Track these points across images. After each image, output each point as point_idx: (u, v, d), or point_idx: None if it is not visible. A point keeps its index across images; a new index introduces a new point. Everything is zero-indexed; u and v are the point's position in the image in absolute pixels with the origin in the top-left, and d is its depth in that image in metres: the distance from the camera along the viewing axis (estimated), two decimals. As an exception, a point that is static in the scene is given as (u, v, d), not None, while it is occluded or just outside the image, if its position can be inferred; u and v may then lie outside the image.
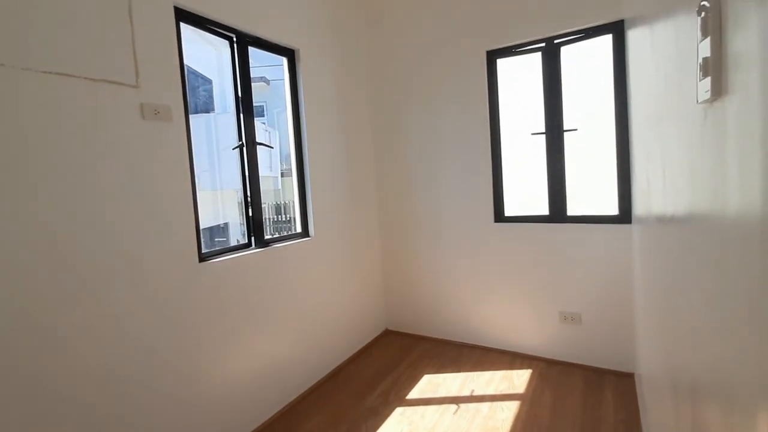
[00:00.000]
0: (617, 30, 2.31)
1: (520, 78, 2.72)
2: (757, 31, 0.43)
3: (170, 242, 1.69)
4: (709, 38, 0.53)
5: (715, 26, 0.52)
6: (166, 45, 1.72)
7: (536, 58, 2.60)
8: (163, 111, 1.69)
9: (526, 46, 2.61)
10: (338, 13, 2.86)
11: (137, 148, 1.59)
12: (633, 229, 2.26)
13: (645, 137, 1.58)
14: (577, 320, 2.50)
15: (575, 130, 2.53)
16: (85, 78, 1.45)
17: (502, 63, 2.73)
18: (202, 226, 1.93)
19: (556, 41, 2.52)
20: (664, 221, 1.15)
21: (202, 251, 1.87)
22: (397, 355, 2.83)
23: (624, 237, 2.32)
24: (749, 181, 0.47)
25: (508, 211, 2.77)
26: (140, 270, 1.58)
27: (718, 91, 0.53)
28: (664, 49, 1.04)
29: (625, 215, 2.35)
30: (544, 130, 2.59)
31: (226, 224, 6.06)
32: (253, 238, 2.21)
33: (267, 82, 9.25)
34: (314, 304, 2.52)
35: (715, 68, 0.53)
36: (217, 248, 2.02)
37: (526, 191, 2.77)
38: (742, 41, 0.46)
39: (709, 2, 0.53)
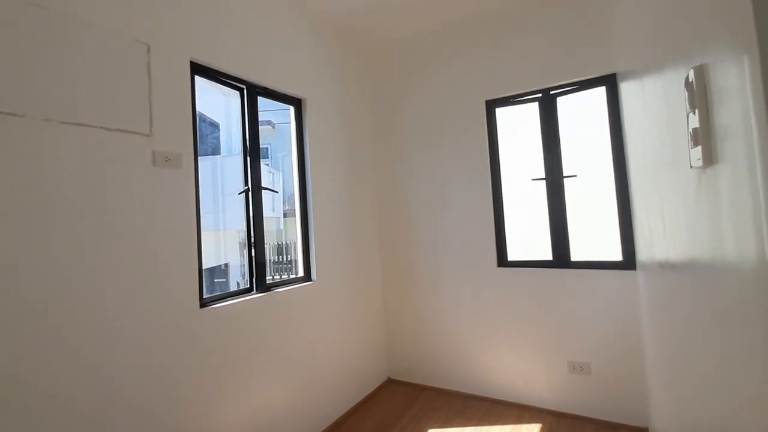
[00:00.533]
0: (610, 82, 2.42)
1: (519, 126, 2.81)
2: (739, 106, 0.46)
3: (172, 288, 1.68)
4: (697, 111, 0.56)
5: (701, 101, 0.55)
6: (181, 96, 1.81)
7: (534, 108, 2.71)
8: (174, 158, 1.74)
9: (524, 97, 2.72)
10: (344, 64, 3.02)
11: (146, 194, 1.62)
12: (638, 275, 2.24)
13: (643, 187, 1.61)
14: (586, 370, 2.42)
15: (575, 176, 2.58)
16: (101, 128, 1.51)
17: (501, 111, 2.84)
18: (204, 267, 1.93)
19: (551, 92, 2.63)
20: (668, 272, 1.15)
21: (204, 296, 1.85)
22: (400, 407, 2.71)
23: (629, 284, 2.30)
24: (744, 242, 0.48)
25: (511, 256, 2.76)
26: (141, 315, 1.56)
27: (709, 160, 0.55)
28: (656, 107, 1.09)
29: (629, 261, 2.34)
30: (543, 176, 2.64)
31: (226, 265, 6.04)
32: (254, 282, 2.20)
33: (272, 125, 9.59)
34: (315, 351, 2.46)
35: (705, 139, 0.55)
36: (218, 293, 2.00)
37: (528, 236, 2.77)
38: (727, 116, 0.49)
39: (694, 79, 0.56)
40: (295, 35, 2.55)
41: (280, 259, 7.31)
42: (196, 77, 1.96)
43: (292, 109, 2.63)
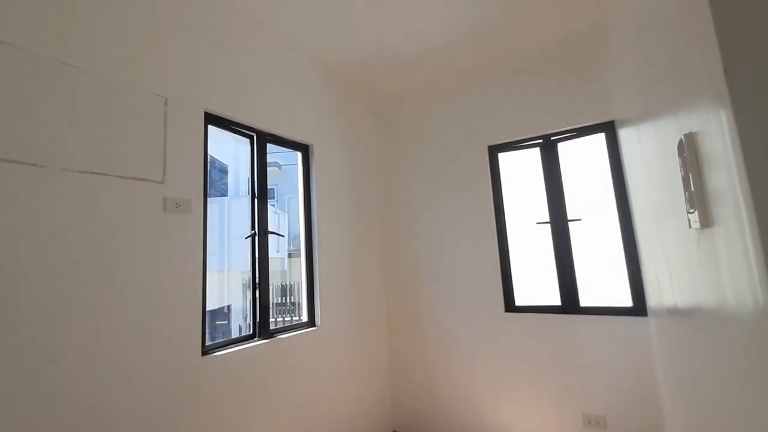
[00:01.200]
0: (609, 129, 2.49)
1: (522, 170, 2.87)
2: (726, 174, 0.48)
3: (175, 336, 1.66)
4: (690, 176, 0.59)
5: (693, 167, 0.57)
6: (194, 145, 1.88)
7: (536, 153, 2.77)
8: (184, 204, 1.79)
9: (525, 142, 2.80)
10: (350, 111, 3.14)
11: (154, 240, 1.65)
12: (650, 322, 2.18)
13: (648, 234, 1.62)
14: (602, 424, 2.30)
15: (579, 220, 2.59)
16: (117, 176, 1.57)
17: (503, 156, 2.90)
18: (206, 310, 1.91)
19: (552, 138, 2.70)
20: (678, 321, 1.13)
21: (206, 343, 1.83)
22: (405, 461, 2.56)
23: (642, 330, 2.24)
24: (743, 297, 0.48)
25: (519, 301, 2.72)
26: (142, 364, 1.54)
27: (706, 223, 0.57)
28: (653, 162, 1.12)
29: (639, 307, 2.29)
30: (548, 220, 2.66)
31: (229, 307, 5.96)
32: (257, 328, 2.17)
33: (280, 167, 9.82)
34: (318, 400, 2.37)
35: (700, 203, 0.57)
36: (220, 339, 1.97)
37: (535, 280, 2.74)
38: (716, 181, 0.51)
39: (686, 146, 0.59)
40: (303, 85, 2.68)
41: (284, 301, 7.22)
42: (210, 126, 2.05)
43: (299, 154, 2.71)
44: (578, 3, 2.32)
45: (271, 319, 2.26)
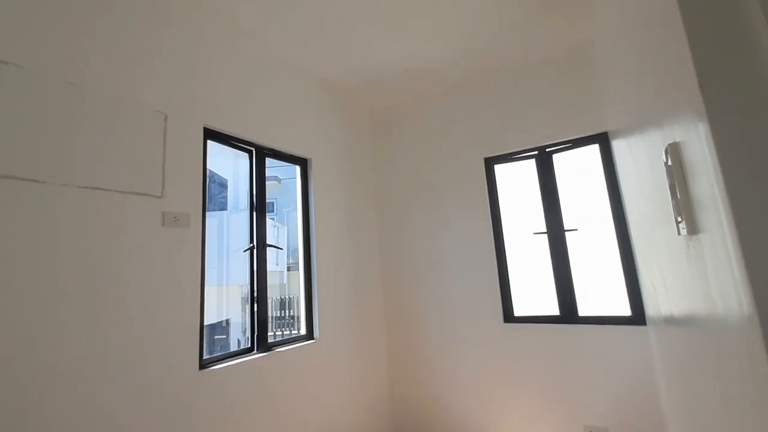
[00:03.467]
0: (602, 140, 2.53)
1: (518, 181, 2.89)
2: (706, 179, 0.50)
3: (172, 349, 1.66)
4: (676, 185, 0.60)
5: (678, 176, 0.59)
6: (193, 160, 1.90)
7: (531, 164, 2.80)
8: (182, 218, 1.80)
9: (521, 154, 2.83)
10: (348, 126, 3.18)
11: (153, 253, 1.66)
12: (649, 331, 2.18)
13: (643, 244, 1.64)
14: (603, 435, 2.27)
15: (575, 230, 2.60)
16: (116, 191, 1.58)
17: (499, 168, 2.94)
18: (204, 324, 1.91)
19: (547, 149, 2.74)
20: (672, 325, 1.14)
21: (204, 357, 1.82)
22: (406, 477, 2.52)
23: (641, 339, 2.23)
24: (729, 301, 0.49)
25: (518, 311, 2.71)
26: (138, 378, 1.53)
27: (693, 230, 0.58)
28: (644, 172, 1.14)
29: (638, 316, 2.29)
30: (545, 230, 2.67)
31: (227, 321, 5.92)
32: (256, 341, 2.16)
33: (279, 180, 9.86)
34: (317, 415, 2.34)
35: (686, 211, 0.59)
36: (218, 353, 1.96)
37: (534, 290, 2.74)
38: (699, 188, 0.53)
39: (671, 155, 0.61)
40: (302, 100, 2.72)
41: (283, 314, 7.17)
42: (209, 141, 2.07)
43: (298, 168, 2.74)
44: (571, 20, 2.38)
45: (270, 333, 2.25)
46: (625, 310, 2.35)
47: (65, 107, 1.46)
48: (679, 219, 0.62)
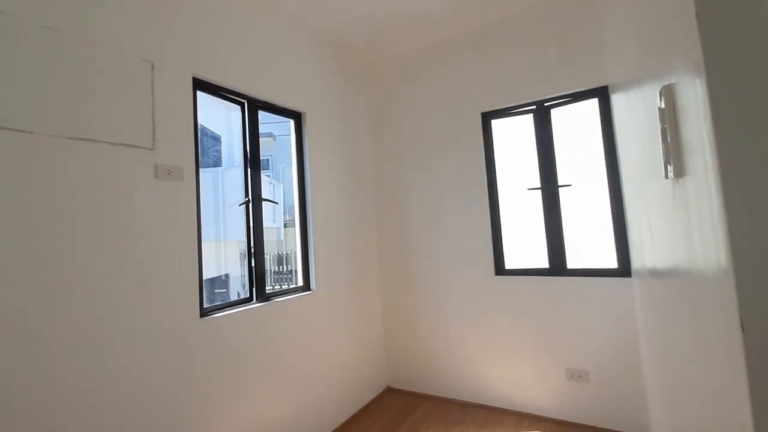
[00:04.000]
0: (602, 94, 2.48)
1: (515, 137, 2.86)
2: (696, 122, 0.50)
3: (173, 298, 1.71)
4: (667, 127, 0.60)
5: (671, 118, 0.59)
6: (183, 111, 1.86)
7: (529, 119, 2.76)
8: (176, 171, 1.79)
9: (518, 108, 2.78)
10: (343, 78, 3.08)
11: (148, 206, 1.66)
12: (633, 282, 2.27)
13: (633, 197, 1.66)
14: (584, 378, 2.43)
15: (569, 185, 2.62)
16: (106, 142, 1.56)
17: (496, 123, 2.89)
18: (203, 278, 1.96)
19: (546, 104, 2.69)
20: (656, 278, 1.18)
21: (204, 306, 1.88)
22: (399, 416, 2.71)
23: (626, 291, 2.32)
24: (708, 246, 0.52)
25: (509, 264, 2.79)
26: (141, 325, 1.59)
27: (679, 172, 0.59)
28: (639, 120, 1.14)
29: (624, 268, 2.37)
30: (539, 186, 2.69)
31: (227, 275, 6.06)
32: (254, 292, 2.22)
33: (274, 137, 9.67)
34: (314, 360, 2.47)
35: (675, 153, 0.59)
36: (218, 303, 2.03)
37: (525, 244, 2.81)
38: (690, 131, 0.53)
39: (665, 97, 0.61)
40: (295, 50, 2.61)
41: (281, 269, 7.33)
42: (199, 92, 2.01)
43: (292, 122, 2.69)
44: (576, -40, 2.24)
45: (269, 287, 2.32)
46: (613, 263, 2.42)
47: (47, 54, 1.40)
48: (668, 163, 0.63)
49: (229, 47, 2.14)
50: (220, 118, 7.11)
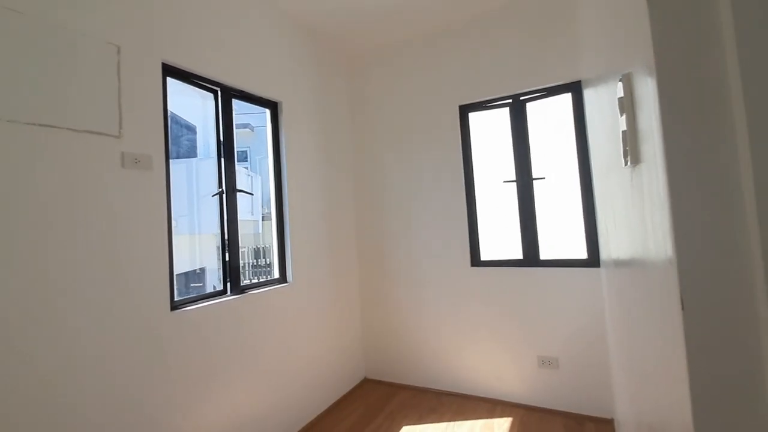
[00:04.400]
0: (575, 89, 2.54)
1: (491, 130, 2.90)
2: (648, 111, 0.52)
3: (142, 290, 1.66)
4: (624, 116, 0.62)
5: (628, 106, 0.61)
6: (152, 98, 1.80)
7: (505, 112, 2.80)
8: (144, 160, 1.73)
9: (495, 102, 2.81)
10: (321, 69, 3.04)
11: (114, 196, 1.61)
12: (601, 272, 2.35)
13: (601, 188, 1.71)
14: (555, 365, 2.51)
15: (543, 178, 2.68)
16: (69, 129, 1.49)
17: (473, 116, 2.92)
18: (177, 271, 1.91)
19: (521, 98, 2.73)
20: (618, 265, 1.23)
21: (175, 299, 1.84)
22: (376, 406, 2.74)
23: (594, 280, 2.41)
24: (657, 229, 0.54)
25: (484, 256, 2.84)
26: (109, 318, 1.54)
27: (635, 159, 0.61)
28: (605, 112, 1.17)
29: (593, 259, 2.45)
30: (514, 178, 2.74)
31: (203, 269, 5.93)
32: (228, 285, 2.19)
33: (252, 128, 9.48)
34: (290, 352, 2.46)
35: (632, 141, 0.61)
36: (190, 296, 1.99)
37: (500, 236, 2.86)
38: (644, 120, 0.55)
39: (623, 86, 0.62)
40: (271, 38, 2.56)
41: (258, 263, 7.23)
42: (169, 79, 1.95)
43: (268, 112, 2.64)
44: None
45: (246, 281, 2.28)
46: (583, 254, 2.50)
47: (6, 36, 1.32)
48: (627, 151, 0.65)
49: (202, 33, 2.08)
50: (196, 108, 6.89)
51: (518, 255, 2.70)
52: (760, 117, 0.41)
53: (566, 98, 2.61)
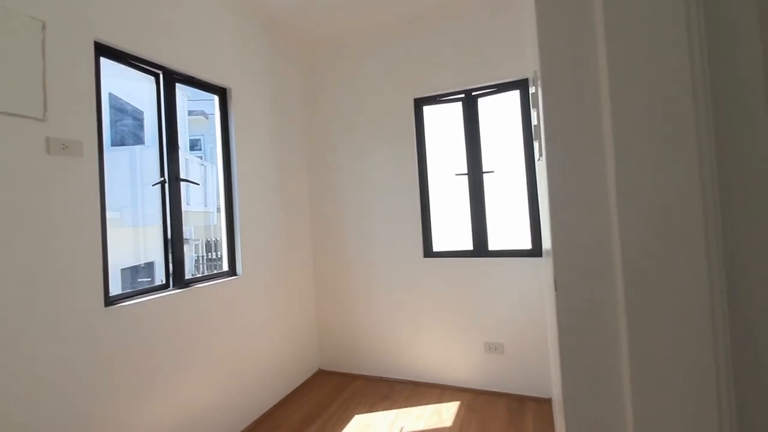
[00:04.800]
0: (523, 86, 2.64)
1: (445, 123, 2.96)
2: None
3: (71, 286, 1.56)
4: (535, 111, 0.67)
5: (535, 102, 0.65)
6: (82, 79, 1.67)
7: (458, 107, 2.87)
8: (73, 146, 1.61)
9: (448, 96, 2.87)
10: (273, 56, 2.96)
11: (38, 184, 1.49)
12: (542, 262, 2.48)
13: (539, 181, 1.80)
14: (500, 350, 2.64)
15: (492, 171, 2.78)
16: (-19, 110, 1.36)
17: (428, 110, 2.97)
18: (121, 266, 1.82)
19: (473, 93, 2.80)
20: (547, 254, 1.31)
21: (110, 294, 1.75)
22: (329, 396, 2.76)
23: (536, 270, 2.54)
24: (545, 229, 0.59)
25: (436, 247, 2.91)
26: (37, 318, 1.44)
27: (541, 152, 0.66)
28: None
29: (537, 249, 2.58)
30: (466, 172, 2.82)
31: (151, 263, 5.64)
32: (171, 279, 2.11)
33: (206, 116, 9.07)
34: (241, 345, 2.41)
35: (538, 136, 0.66)
36: (128, 290, 1.90)
37: (452, 228, 2.94)
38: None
39: (534, 85, 0.66)
40: (219, 22, 2.45)
41: (211, 256, 6.97)
42: (102, 59, 1.83)
43: (216, 98, 2.54)
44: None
45: (199, 275, 2.21)
46: (528, 245, 2.63)
47: None
48: (540, 145, 0.70)
49: (143, 12, 1.96)
50: (143, 92, 6.48)
51: (469, 246, 2.80)
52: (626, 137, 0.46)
53: (515, 95, 2.71)
